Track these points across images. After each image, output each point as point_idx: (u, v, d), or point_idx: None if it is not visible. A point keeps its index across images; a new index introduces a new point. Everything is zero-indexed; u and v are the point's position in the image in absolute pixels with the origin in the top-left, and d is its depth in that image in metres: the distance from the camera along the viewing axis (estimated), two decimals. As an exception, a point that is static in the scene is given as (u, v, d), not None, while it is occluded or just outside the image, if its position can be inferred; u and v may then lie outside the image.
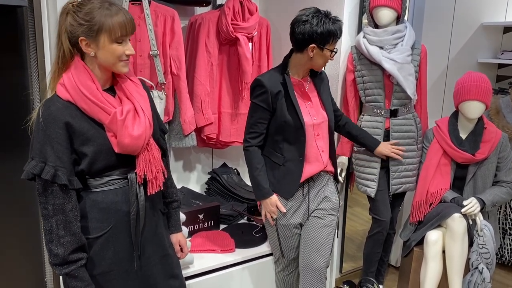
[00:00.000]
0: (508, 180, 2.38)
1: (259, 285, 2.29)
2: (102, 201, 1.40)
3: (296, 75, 1.95)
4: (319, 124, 1.96)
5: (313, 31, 1.80)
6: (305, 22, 1.81)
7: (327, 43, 1.84)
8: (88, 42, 1.32)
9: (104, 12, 1.29)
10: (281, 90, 1.90)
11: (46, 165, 1.29)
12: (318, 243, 2.00)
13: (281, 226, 2.02)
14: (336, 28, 1.83)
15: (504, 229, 3.03)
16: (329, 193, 2.05)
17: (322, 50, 1.85)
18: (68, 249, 1.32)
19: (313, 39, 1.82)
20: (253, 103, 1.94)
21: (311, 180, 2.01)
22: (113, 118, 1.34)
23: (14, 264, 2.17)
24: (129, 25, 1.33)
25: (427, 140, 2.48)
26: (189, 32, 2.58)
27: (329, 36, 1.82)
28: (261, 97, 1.90)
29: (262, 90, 1.89)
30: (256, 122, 1.94)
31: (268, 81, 1.90)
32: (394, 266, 3.08)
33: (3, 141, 2.05)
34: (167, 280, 1.56)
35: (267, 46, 2.71)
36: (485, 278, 2.24)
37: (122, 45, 1.34)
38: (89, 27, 1.29)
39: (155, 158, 1.43)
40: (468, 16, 3.05)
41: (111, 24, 1.29)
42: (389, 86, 2.37)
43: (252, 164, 1.97)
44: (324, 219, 2.02)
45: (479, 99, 2.27)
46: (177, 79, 2.41)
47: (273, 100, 1.90)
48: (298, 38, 1.84)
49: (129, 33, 1.34)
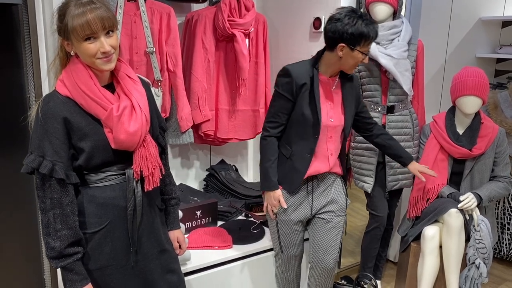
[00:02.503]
0: (505, 175, 2.38)
1: (257, 281, 2.30)
2: (99, 196, 1.41)
3: (325, 72, 1.91)
4: (334, 127, 1.93)
5: (343, 30, 1.75)
6: (337, 20, 1.78)
7: (357, 44, 1.77)
8: (68, 42, 1.34)
9: (71, 12, 1.28)
10: (306, 82, 1.86)
11: (44, 159, 1.31)
12: (326, 245, 2.02)
13: (281, 221, 2.02)
14: (369, 30, 1.75)
15: (503, 224, 3.03)
16: (335, 194, 2.03)
17: (353, 51, 1.79)
18: (64, 242, 1.33)
19: (343, 38, 1.77)
20: (277, 92, 1.91)
21: (315, 178, 1.99)
22: (109, 114, 1.35)
23: (12, 260, 2.18)
24: (95, 22, 1.28)
25: (424, 135, 2.48)
26: (185, 29, 2.57)
27: (360, 37, 1.76)
28: (285, 86, 1.87)
29: (288, 79, 1.86)
30: (278, 112, 1.91)
31: (295, 71, 1.86)
32: (393, 261, 3.09)
33: (0, 138, 2.05)
34: (164, 275, 1.57)
35: (264, 42, 2.71)
36: (482, 273, 2.24)
37: (94, 43, 1.31)
38: (63, 29, 1.32)
39: (151, 155, 1.44)
40: (466, 10, 3.04)
41: (74, 24, 1.28)
42: (385, 81, 2.37)
43: (266, 155, 1.95)
44: (331, 221, 2.02)
45: (476, 94, 2.26)
46: (173, 76, 2.41)
47: (297, 91, 1.86)
48: (329, 36, 1.81)
49: (99, 30, 1.30)
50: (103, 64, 1.35)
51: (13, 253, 2.17)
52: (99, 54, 1.33)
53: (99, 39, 1.32)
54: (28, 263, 2.22)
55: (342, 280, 2.58)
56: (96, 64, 1.35)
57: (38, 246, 2.22)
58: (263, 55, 2.71)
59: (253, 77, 2.70)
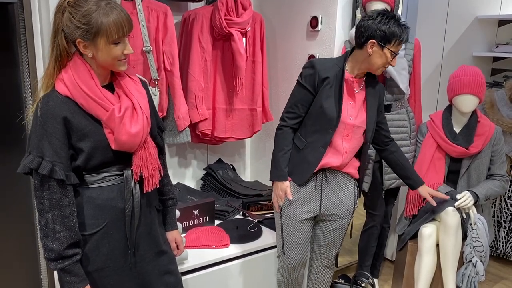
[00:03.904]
0: (501, 173, 2.39)
1: (254, 280, 2.30)
2: (97, 197, 1.40)
3: (352, 71, 1.88)
4: (352, 126, 1.89)
5: (376, 27, 1.76)
6: (370, 18, 1.79)
7: (388, 43, 1.77)
8: (86, 44, 1.31)
9: (101, 14, 1.28)
10: (329, 77, 1.84)
11: (43, 160, 1.30)
12: (329, 240, 2.07)
13: (286, 216, 1.99)
14: (400, 30, 1.76)
15: (499, 222, 3.04)
16: (345, 197, 2.00)
17: (383, 49, 1.78)
18: (63, 244, 1.32)
19: (374, 35, 1.76)
20: (299, 83, 1.90)
21: (326, 175, 1.96)
22: (111, 115, 1.34)
23: (9, 261, 2.17)
24: (126, 25, 1.32)
25: (421, 134, 2.49)
26: (182, 27, 2.57)
27: (392, 36, 1.76)
28: (308, 78, 1.86)
29: (311, 71, 1.85)
30: (297, 103, 1.90)
31: (320, 64, 1.86)
32: (390, 259, 3.10)
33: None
34: (162, 276, 1.56)
35: (261, 41, 2.71)
36: (478, 271, 2.25)
37: (120, 45, 1.33)
38: (86, 30, 1.29)
39: (151, 156, 1.44)
40: (462, 9, 3.04)
41: (107, 27, 1.28)
42: (382, 80, 2.37)
43: (280, 145, 1.94)
44: (337, 223, 2.03)
45: (473, 92, 2.27)
46: (170, 75, 2.40)
47: (319, 84, 1.85)
48: (361, 32, 1.80)
49: (127, 33, 1.34)
50: (123, 65, 1.37)
51: (10, 253, 2.16)
52: (122, 56, 1.34)
53: (123, 42, 1.34)
54: (25, 264, 2.21)
55: (339, 279, 2.59)
56: (115, 66, 1.36)
57: (35, 246, 2.22)
58: (260, 54, 2.70)
59: (250, 76, 2.70)
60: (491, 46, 3.31)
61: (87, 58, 1.35)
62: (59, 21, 1.31)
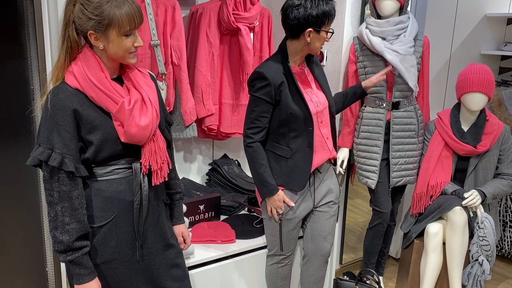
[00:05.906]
0: (509, 172, 2.37)
1: (259, 275, 2.30)
2: (106, 190, 1.40)
3: (294, 63, 1.90)
4: (322, 111, 1.92)
5: (308, 15, 1.74)
6: (299, 6, 1.75)
7: (323, 25, 1.78)
8: (97, 35, 1.32)
9: (113, 6, 1.29)
10: (284, 80, 1.84)
11: (53, 152, 1.30)
12: (325, 233, 2.06)
13: (286, 220, 1.99)
14: (330, 8, 1.77)
15: (505, 222, 3.03)
16: (332, 183, 2.05)
17: (319, 33, 1.79)
18: (73, 236, 1.32)
19: (309, 23, 1.76)
20: (254, 97, 1.85)
21: (317, 170, 1.99)
22: (121, 108, 1.35)
23: (15, 253, 2.17)
24: (137, 18, 1.33)
25: (428, 132, 2.47)
26: (190, 22, 2.56)
27: (325, 18, 1.76)
28: (263, 90, 1.82)
29: (264, 82, 1.82)
30: (259, 117, 1.86)
31: (269, 72, 1.82)
32: (394, 257, 3.09)
33: (3, 131, 2.04)
34: (169, 270, 1.56)
35: (269, 36, 2.69)
36: (485, 270, 2.24)
37: (131, 37, 1.34)
38: (98, 22, 1.29)
39: (160, 149, 1.44)
40: (471, 7, 3.02)
41: (120, 19, 1.29)
42: (391, 77, 2.35)
43: (257, 160, 1.89)
44: (330, 210, 2.05)
45: (482, 91, 2.25)
46: (178, 70, 2.39)
47: (276, 92, 1.83)
48: (293, 24, 1.78)
49: (138, 25, 1.34)
50: (133, 57, 1.38)
51: (15, 245, 2.17)
52: (132, 48, 1.35)
53: (134, 34, 1.35)
54: (31, 255, 2.22)
55: (344, 276, 2.59)
56: (126, 58, 1.37)
57: (41, 238, 2.22)
58: (267, 49, 2.69)
59: (257, 71, 2.68)
60: (500, 44, 3.29)
61: (97, 51, 1.36)
62: (70, 13, 1.32)
